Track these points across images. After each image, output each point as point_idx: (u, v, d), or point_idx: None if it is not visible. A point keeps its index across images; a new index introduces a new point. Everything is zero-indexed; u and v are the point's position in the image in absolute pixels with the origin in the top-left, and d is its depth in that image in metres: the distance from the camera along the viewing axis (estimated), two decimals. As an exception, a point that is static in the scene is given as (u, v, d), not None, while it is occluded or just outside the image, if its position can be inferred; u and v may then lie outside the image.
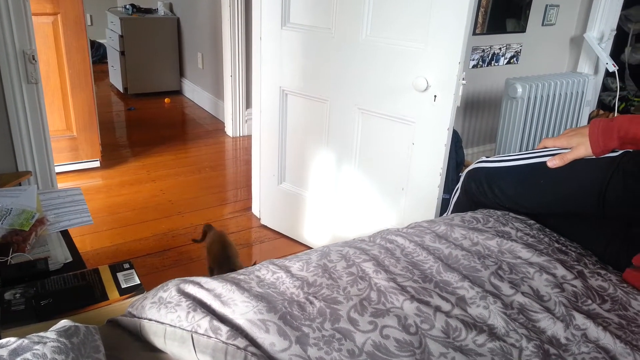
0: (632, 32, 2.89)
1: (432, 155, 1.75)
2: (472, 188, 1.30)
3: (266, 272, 0.93)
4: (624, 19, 2.86)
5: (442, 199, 1.79)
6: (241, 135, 3.73)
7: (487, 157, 1.31)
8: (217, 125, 3.97)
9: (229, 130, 3.76)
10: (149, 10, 4.71)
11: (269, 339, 0.74)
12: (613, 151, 1.10)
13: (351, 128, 1.97)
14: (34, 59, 1.78)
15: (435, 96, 1.69)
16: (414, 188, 1.84)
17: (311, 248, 1.67)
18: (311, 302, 0.84)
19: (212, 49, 3.90)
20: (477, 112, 2.60)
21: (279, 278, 0.90)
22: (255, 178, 2.46)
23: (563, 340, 0.81)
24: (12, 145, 1.83)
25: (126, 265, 1.06)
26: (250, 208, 2.58)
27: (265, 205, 2.42)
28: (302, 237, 2.31)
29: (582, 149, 1.11)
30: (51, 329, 0.69)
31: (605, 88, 2.85)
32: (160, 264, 2.12)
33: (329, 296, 0.86)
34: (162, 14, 4.66)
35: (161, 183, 2.89)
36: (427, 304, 0.85)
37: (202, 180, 2.98)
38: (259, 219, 2.48)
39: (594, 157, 1.10)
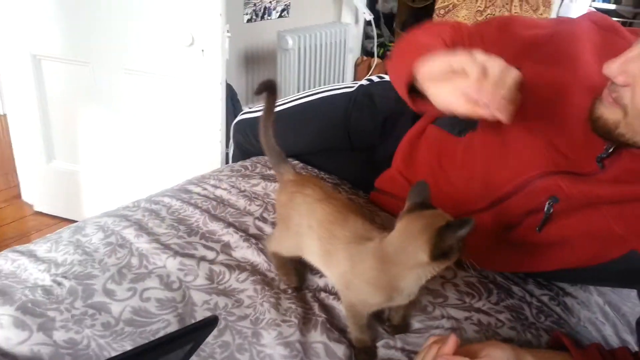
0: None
1: (209, 112, 1.72)
2: (240, 139, 1.32)
3: (4, 261, 0.81)
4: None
5: (226, 154, 1.79)
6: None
7: (249, 107, 1.34)
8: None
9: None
10: None
11: (2, 335, 0.65)
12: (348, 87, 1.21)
13: (120, 91, 1.81)
14: None
15: (202, 50, 1.65)
16: (196, 147, 1.80)
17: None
18: (59, 284, 0.76)
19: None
20: (255, 66, 2.64)
21: (20, 265, 0.80)
22: (20, 160, 2.11)
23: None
24: None
25: None
26: (19, 196, 2.23)
27: (37, 189, 2.12)
28: (84, 217, 2.09)
29: None
30: None
31: (367, 36, 3.16)
32: None
33: (82, 272, 0.79)
34: None
35: None
36: (191, 256, 0.85)
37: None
38: (32, 205, 2.16)
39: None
